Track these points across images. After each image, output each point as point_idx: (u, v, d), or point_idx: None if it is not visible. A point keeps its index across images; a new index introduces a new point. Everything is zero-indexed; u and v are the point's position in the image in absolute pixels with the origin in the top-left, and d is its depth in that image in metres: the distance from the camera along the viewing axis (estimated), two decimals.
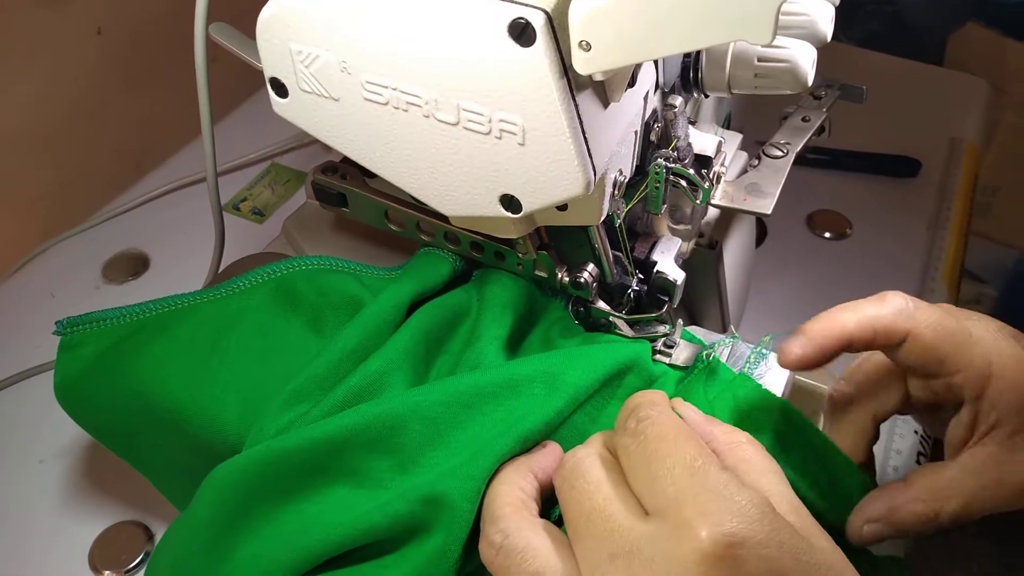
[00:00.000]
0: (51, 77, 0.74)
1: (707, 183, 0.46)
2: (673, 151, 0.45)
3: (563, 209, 0.41)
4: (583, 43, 0.33)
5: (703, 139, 0.47)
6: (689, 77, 0.44)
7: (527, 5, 0.33)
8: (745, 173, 0.50)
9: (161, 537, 0.42)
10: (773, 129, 0.53)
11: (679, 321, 0.46)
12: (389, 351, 0.43)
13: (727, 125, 0.58)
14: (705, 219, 0.52)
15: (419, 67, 0.37)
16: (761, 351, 0.44)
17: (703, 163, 0.47)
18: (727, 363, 0.44)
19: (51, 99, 0.74)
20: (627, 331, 0.47)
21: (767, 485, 0.33)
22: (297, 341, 0.46)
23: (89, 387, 0.47)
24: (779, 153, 0.51)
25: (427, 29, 0.35)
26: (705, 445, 0.32)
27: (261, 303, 0.47)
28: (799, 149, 0.51)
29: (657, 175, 0.44)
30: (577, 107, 0.35)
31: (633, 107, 0.40)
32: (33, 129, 0.74)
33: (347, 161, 0.50)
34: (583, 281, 0.45)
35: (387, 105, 0.39)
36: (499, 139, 0.37)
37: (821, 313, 0.39)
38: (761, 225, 0.75)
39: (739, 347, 0.45)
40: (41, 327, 0.66)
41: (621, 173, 0.42)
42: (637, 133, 0.42)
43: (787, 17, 0.44)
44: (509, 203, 0.39)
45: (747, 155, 0.53)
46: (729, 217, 0.54)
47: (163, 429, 0.46)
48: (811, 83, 0.43)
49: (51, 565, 0.54)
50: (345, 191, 0.50)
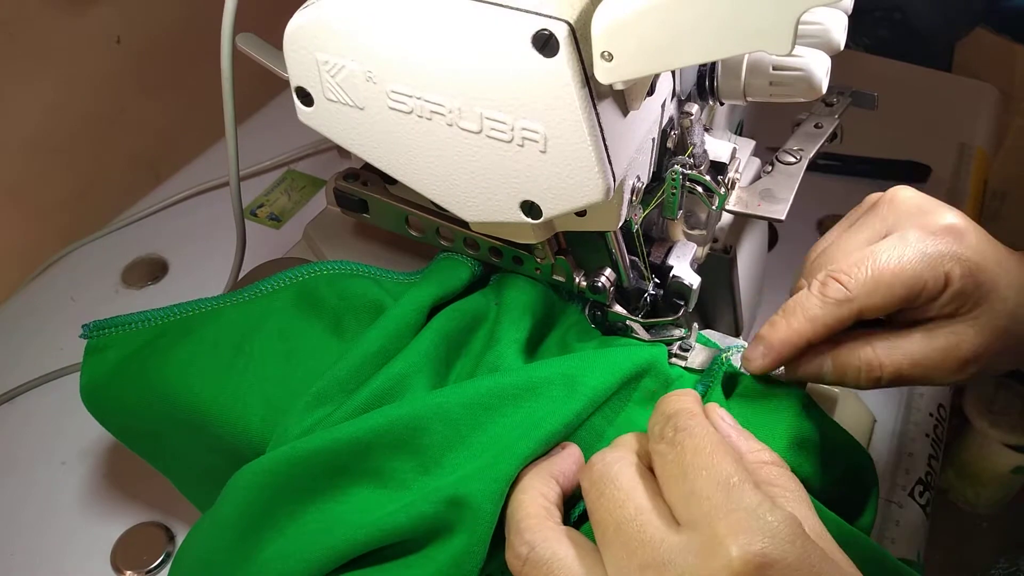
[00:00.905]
0: (70, 85, 0.75)
1: (722, 189, 0.47)
2: (689, 158, 0.45)
3: (582, 215, 0.42)
4: (605, 53, 0.33)
5: (718, 146, 0.48)
6: (705, 85, 0.45)
7: (550, 17, 0.34)
8: (759, 179, 0.51)
9: (185, 536, 0.43)
10: (784, 135, 0.54)
11: (694, 325, 0.47)
12: (411, 354, 0.43)
13: (739, 132, 0.59)
14: (719, 224, 0.53)
15: (443, 77, 0.37)
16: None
17: (718, 169, 0.47)
18: (739, 367, 0.45)
19: (70, 106, 0.76)
20: (643, 335, 0.47)
21: (793, 508, 0.33)
22: (319, 344, 0.47)
23: (114, 389, 0.48)
24: (792, 159, 0.51)
25: (452, 40, 0.36)
26: (740, 462, 0.32)
27: (284, 307, 0.48)
28: (812, 155, 0.52)
29: (674, 181, 0.45)
30: (598, 115, 0.36)
31: (651, 115, 0.41)
32: (52, 136, 0.75)
33: (368, 168, 0.51)
34: (600, 285, 0.46)
35: (411, 114, 0.39)
36: (521, 147, 0.38)
37: (778, 320, 0.41)
38: (772, 230, 0.76)
39: None
40: (62, 331, 0.68)
41: (639, 179, 0.42)
42: (654, 140, 0.43)
43: (801, 26, 0.44)
44: (529, 209, 0.40)
45: (760, 161, 0.54)
46: (742, 222, 0.55)
47: (187, 431, 0.46)
48: (825, 91, 0.43)
49: (73, 565, 0.55)
50: (366, 197, 0.51)
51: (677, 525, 0.31)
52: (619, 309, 0.47)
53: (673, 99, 0.44)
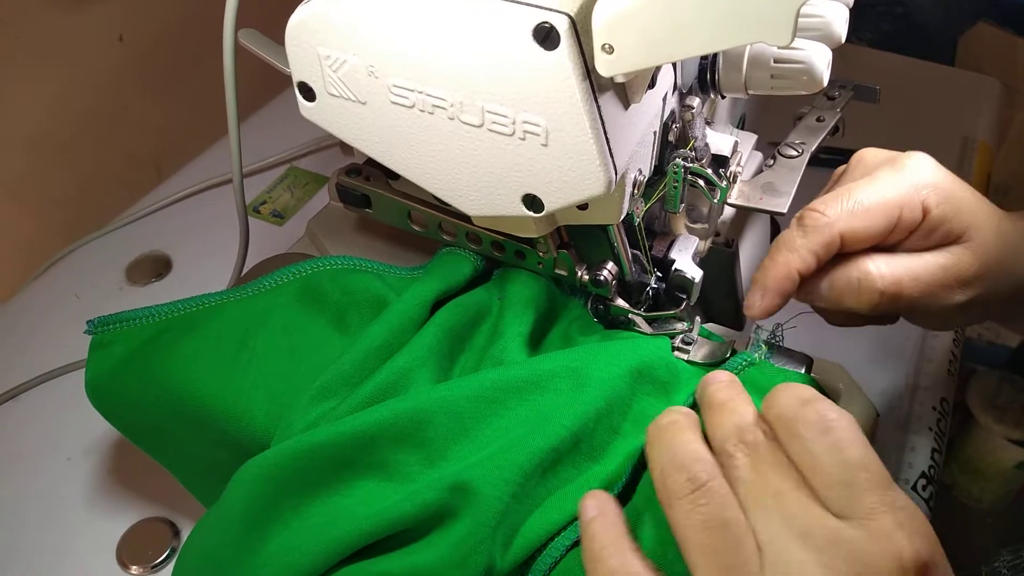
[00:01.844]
0: (73, 83, 0.75)
1: (724, 182, 0.47)
2: (691, 151, 0.45)
3: (584, 208, 0.42)
4: (606, 46, 0.34)
5: (720, 139, 0.48)
6: (706, 78, 0.45)
7: (551, 10, 0.34)
8: (760, 173, 0.51)
9: (191, 531, 0.43)
10: (786, 130, 0.54)
11: (697, 318, 0.47)
12: (414, 348, 0.44)
13: (741, 126, 0.59)
14: (721, 218, 0.53)
15: (444, 71, 0.38)
16: (774, 342, 0.45)
17: (720, 163, 0.47)
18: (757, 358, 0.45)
19: (73, 104, 0.76)
20: (646, 328, 0.48)
21: None
22: (323, 339, 0.47)
23: (119, 384, 0.48)
24: (794, 153, 0.51)
25: (453, 34, 0.36)
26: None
27: (287, 302, 0.48)
28: (814, 149, 0.52)
29: (676, 174, 0.45)
30: (599, 108, 0.36)
31: (652, 108, 0.41)
32: (56, 134, 0.75)
33: (370, 163, 0.52)
34: (603, 279, 0.46)
35: (413, 108, 0.40)
36: (522, 140, 0.38)
37: (766, 262, 0.42)
38: (774, 224, 0.76)
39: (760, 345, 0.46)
40: (66, 328, 0.68)
41: (640, 173, 0.43)
42: (656, 133, 0.43)
43: (802, 19, 0.44)
44: (531, 203, 0.40)
45: (762, 155, 0.54)
46: (744, 216, 0.55)
47: (191, 425, 0.47)
48: (826, 84, 0.44)
49: (79, 561, 0.55)
50: (369, 192, 0.51)
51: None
52: (622, 303, 0.47)
53: (674, 92, 0.44)
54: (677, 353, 0.47)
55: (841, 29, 0.44)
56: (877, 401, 0.56)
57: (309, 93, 0.42)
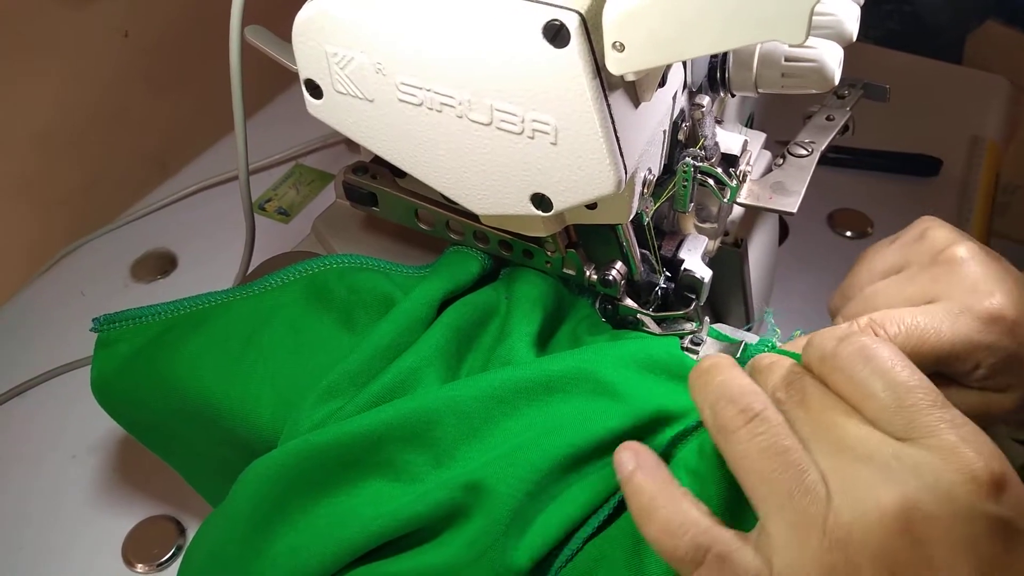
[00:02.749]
0: (78, 79, 0.75)
1: (734, 182, 0.46)
2: (701, 150, 0.45)
3: (593, 208, 0.42)
4: (617, 44, 0.33)
5: (729, 138, 0.47)
6: (716, 77, 0.45)
7: (561, 7, 0.34)
8: (770, 172, 0.50)
9: (197, 530, 0.43)
10: (794, 128, 0.54)
11: (706, 319, 0.47)
12: (422, 348, 0.43)
13: (750, 124, 0.59)
14: (730, 218, 0.53)
15: (453, 69, 0.37)
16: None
17: (730, 162, 0.47)
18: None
19: (78, 101, 0.76)
20: (654, 328, 0.47)
21: None
22: (329, 338, 0.47)
23: (125, 383, 0.48)
24: (804, 152, 0.51)
25: (461, 31, 0.36)
26: None
27: (294, 300, 0.48)
28: (824, 148, 0.51)
29: (685, 174, 0.45)
30: (609, 107, 0.36)
31: (662, 106, 0.41)
32: (60, 130, 0.75)
33: (377, 161, 0.51)
34: (612, 279, 0.46)
35: (421, 106, 0.39)
36: (531, 139, 0.38)
37: None
38: (783, 224, 0.75)
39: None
40: (72, 325, 0.68)
41: (650, 172, 0.42)
42: (665, 132, 0.43)
43: (814, 17, 0.44)
44: (540, 202, 0.40)
45: (771, 155, 0.54)
46: (753, 216, 0.54)
47: (197, 424, 0.46)
48: (837, 82, 0.43)
49: (84, 559, 0.55)
50: (376, 191, 0.51)
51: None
52: (630, 303, 0.47)
53: (684, 90, 0.43)
54: (686, 353, 0.46)
55: (853, 27, 0.44)
56: None
57: (316, 90, 0.42)
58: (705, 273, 0.47)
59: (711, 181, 0.45)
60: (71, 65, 0.74)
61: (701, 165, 0.45)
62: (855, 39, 0.44)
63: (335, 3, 0.38)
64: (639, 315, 0.47)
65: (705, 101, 0.44)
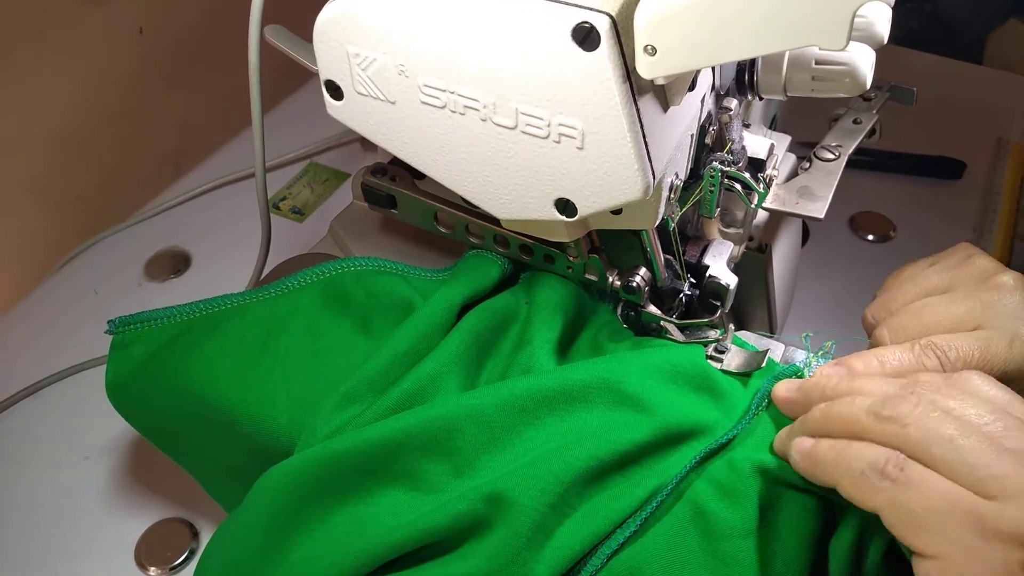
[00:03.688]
0: (93, 77, 0.75)
1: (761, 186, 0.45)
2: (728, 154, 0.44)
3: (617, 213, 0.41)
4: (649, 47, 0.32)
5: (756, 142, 0.46)
6: (744, 80, 0.44)
7: (591, 9, 0.33)
8: (796, 176, 0.49)
9: (212, 536, 0.42)
10: (818, 129, 0.52)
11: (730, 326, 0.46)
12: (441, 354, 0.43)
13: (773, 126, 0.58)
14: (754, 222, 0.52)
15: (478, 71, 0.36)
16: (820, 356, 0.44)
17: (756, 166, 0.46)
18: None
19: (92, 99, 0.75)
20: (678, 336, 0.46)
21: None
22: (347, 342, 0.46)
23: (140, 386, 0.47)
24: (831, 156, 0.50)
25: (487, 33, 0.35)
26: None
27: (311, 304, 0.47)
28: (851, 151, 0.50)
29: (712, 178, 0.44)
30: (638, 111, 0.35)
31: (691, 110, 0.40)
32: (75, 129, 0.74)
33: (396, 163, 0.50)
34: (635, 285, 0.45)
35: (444, 108, 0.38)
36: (557, 143, 0.37)
37: None
38: (804, 227, 0.74)
39: (795, 353, 0.44)
40: (85, 324, 0.68)
41: (677, 177, 0.41)
42: (693, 136, 0.42)
43: None
44: (564, 207, 0.39)
45: (795, 158, 0.53)
46: (777, 220, 0.53)
47: (213, 429, 0.46)
48: (869, 86, 0.42)
49: (96, 561, 0.55)
50: (395, 193, 0.50)
51: None
52: (654, 309, 0.46)
53: (712, 93, 0.43)
54: (710, 362, 0.45)
55: (884, 29, 0.43)
56: None
57: (337, 92, 0.41)
58: (731, 280, 0.46)
59: (738, 186, 0.44)
60: (85, 62, 0.73)
61: (728, 170, 0.44)
62: (886, 41, 0.43)
63: (359, 3, 0.38)
64: (662, 322, 0.46)
65: (733, 104, 0.43)
